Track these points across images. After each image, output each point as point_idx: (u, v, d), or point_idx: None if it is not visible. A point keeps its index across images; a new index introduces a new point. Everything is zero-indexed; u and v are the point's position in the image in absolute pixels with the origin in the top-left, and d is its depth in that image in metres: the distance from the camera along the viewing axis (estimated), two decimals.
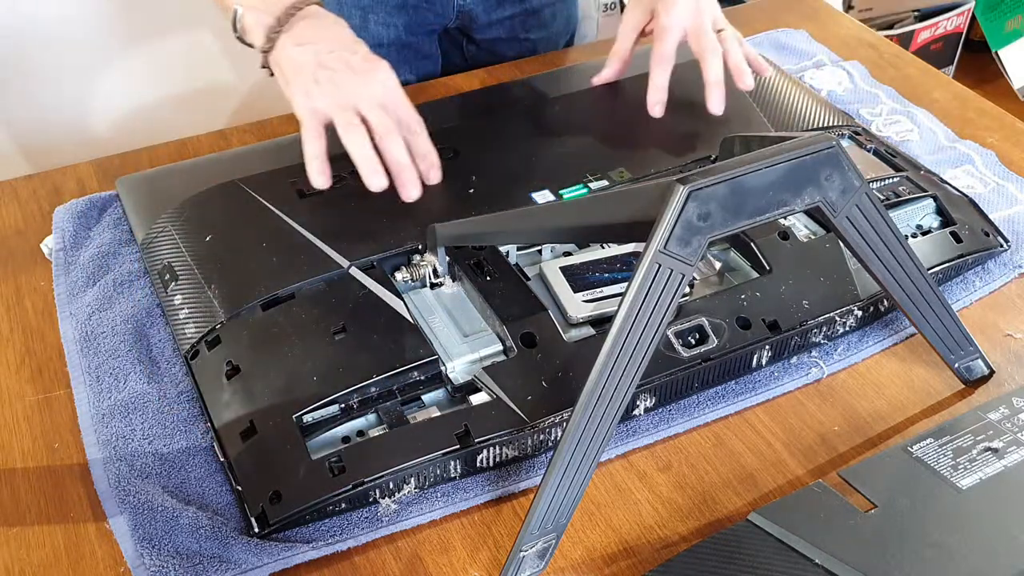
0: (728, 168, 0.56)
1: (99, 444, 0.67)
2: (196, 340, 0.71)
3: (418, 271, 0.75)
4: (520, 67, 1.08)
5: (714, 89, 0.87)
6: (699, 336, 0.70)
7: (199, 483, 0.64)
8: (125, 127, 1.66)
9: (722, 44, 0.88)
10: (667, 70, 0.88)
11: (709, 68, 0.87)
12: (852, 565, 0.55)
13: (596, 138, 0.90)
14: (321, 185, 0.78)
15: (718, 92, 0.87)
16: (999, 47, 2.22)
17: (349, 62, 0.77)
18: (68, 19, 1.52)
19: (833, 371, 0.73)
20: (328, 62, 0.77)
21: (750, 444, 0.68)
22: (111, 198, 0.88)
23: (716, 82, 0.87)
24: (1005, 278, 0.80)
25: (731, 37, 0.89)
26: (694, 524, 0.63)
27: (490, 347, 0.69)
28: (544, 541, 0.58)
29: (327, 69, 0.77)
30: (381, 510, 0.63)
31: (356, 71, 0.77)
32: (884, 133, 0.96)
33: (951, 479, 0.61)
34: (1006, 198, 0.87)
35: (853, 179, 0.60)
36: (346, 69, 0.77)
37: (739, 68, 0.89)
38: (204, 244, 0.78)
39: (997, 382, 0.71)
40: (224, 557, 0.59)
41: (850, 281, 0.74)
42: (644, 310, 0.56)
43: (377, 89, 0.77)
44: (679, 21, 0.87)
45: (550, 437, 0.66)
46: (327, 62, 0.77)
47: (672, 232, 0.55)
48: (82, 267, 0.81)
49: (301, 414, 0.65)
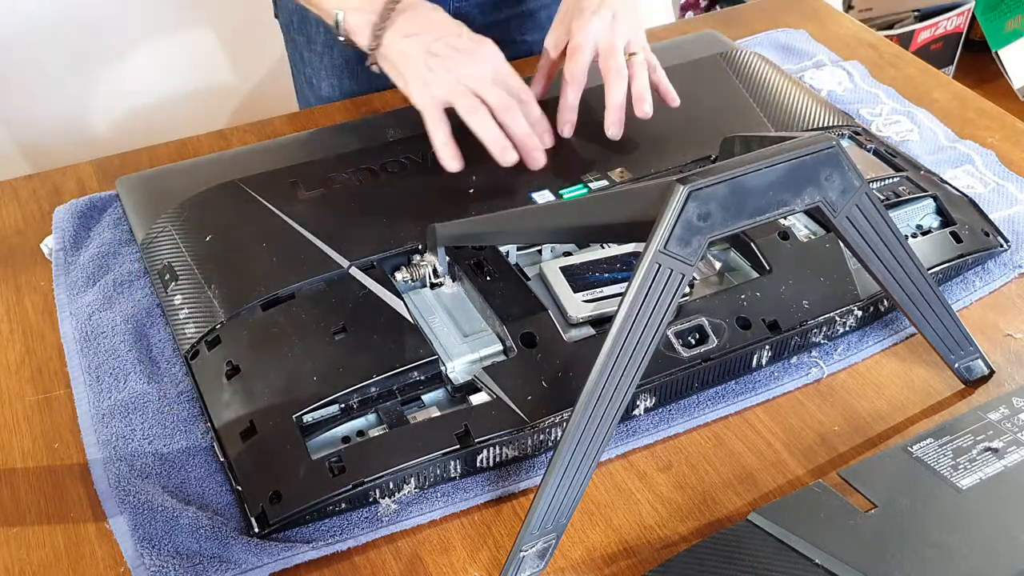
0: (728, 168, 0.56)
1: (99, 444, 0.67)
2: (196, 340, 0.71)
3: (418, 271, 0.75)
4: (520, 67, 1.08)
5: (611, 113, 0.85)
6: (699, 336, 0.70)
7: (199, 483, 0.64)
8: (125, 127, 1.66)
9: (630, 68, 0.86)
10: (577, 90, 0.87)
11: (610, 92, 0.85)
12: (852, 565, 0.55)
13: (596, 138, 0.89)
14: (455, 168, 0.81)
15: (614, 116, 0.85)
16: (999, 47, 2.22)
17: (456, 46, 0.81)
18: (68, 19, 1.52)
19: (833, 371, 0.73)
20: (437, 50, 0.81)
21: (750, 444, 0.68)
22: (111, 198, 0.88)
23: (613, 106, 0.85)
24: (1005, 278, 0.80)
25: (640, 62, 0.87)
26: (694, 524, 0.63)
27: (490, 347, 0.69)
28: (544, 541, 0.58)
29: (437, 57, 0.81)
30: (381, 510, 0.63)
31: (465, 53, 0.81)
32: (884, 133, 0.96)
33: (951, 479, 0.61)
34: (1006, 198, 0.87)
35: (853, 179, 0.60)
36: (455, 53, 0.81)
37: (640, 95, 0.86)
38: (204, 244, 0.78)
39: (997, 382, 0.71)
40: (224, 557, 0.59)
41: (850, 281, 0.74)
42: (644, 310, 0.56)
43: (487, 67, 0.81)
44: (590, 40, 0.86)
45: (550, 437, 0.66)
46: (436, 50, 0.81)
47: (672, 232, 0.55)
48: (82, 267, 0.81)
49: (301, 414, 0.65)
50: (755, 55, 1.01)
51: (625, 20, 0.87)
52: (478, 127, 0.80)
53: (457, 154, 0.81)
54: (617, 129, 0.86)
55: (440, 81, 0.80)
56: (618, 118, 0.85)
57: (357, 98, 1.03)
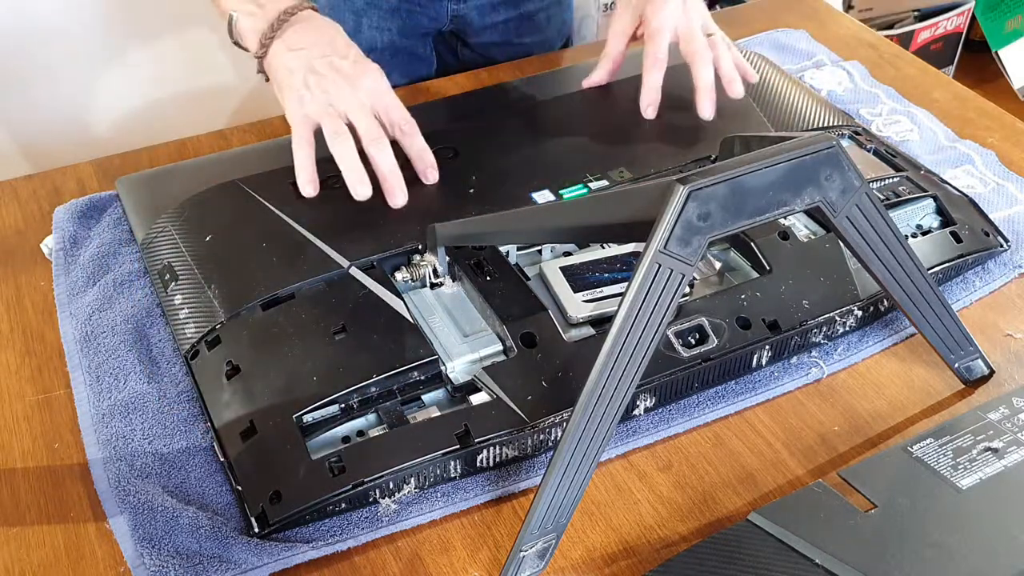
0: (728, 168, 0.56)
1: (99, 444, 0.67)
2: (196, 340, 0.71)
3: (418, 271, 0.75)
4: (520, 67, 1.08)
5: (705, 95, 0.87)
6: (699, 336, 0.70)
7: (199, 483, 0.64)
8: (125, 127, 1.66)
9: (712, 49, 0.88)
10: (661, 71, 0.88)
11: (700, 74, 0.87)
12: (852, 565, 0.55)
13: (596, 138, 0.89)
14: (309, 194, 0.79)
15: (709, 98, 0.87)
16: (999, 47, 2.22)
17: (339, 67, 0.79)
18: (68, 19, 1.52)
19: (833, 371, 0.73)
20: (319, 67, 0.78)
21: (750, 444, 0.68)
22: (111, 198, 0.88)
23: (707, 88, 0.87)
24: (1005, 278, 0.80)
25: (720, 42, 0.89)
26: (694, 524, 0.63)
27: (490, 347, 0.69)
28: (544, 541, 0.58)
29: (317, 75, 0.78)
30: (381, 510, 0.63)
31: (346, 76, 0.78)
32: (884, 133, 0.96)
33: (951, 479, 0.61)
34: (1006, 198, 0.87)
35: (853, 179, 0.60)
36: (335, 75, 0.78)
37: (730, 76, 0.89)
38: (204, 244, 0.78)
39: (997, 382, 0.71)
40: (224, 557, 0.59)
41: (850, 281, 0.74)
42: (644, 310, 0.56)
43: (364, 94, 0.78)
44: (668, 23, 0.88)
45: (550, 437, 0.66)
46: (318, 67, 0.78)
47: (672, 232, 0.55)
48: (82, 267, 0.81)
49: (301, 414, 0.65)
50: (755, 55, 1.01)
51: (695, 4, 0.90)
52: (337, 154, 0.78)
53: (314, 179, 0.79)
54: (712, 110, 0.87)
55: (314, 100, 0.78)
56: (711, 99, 0.87)
57: None
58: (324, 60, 0.79)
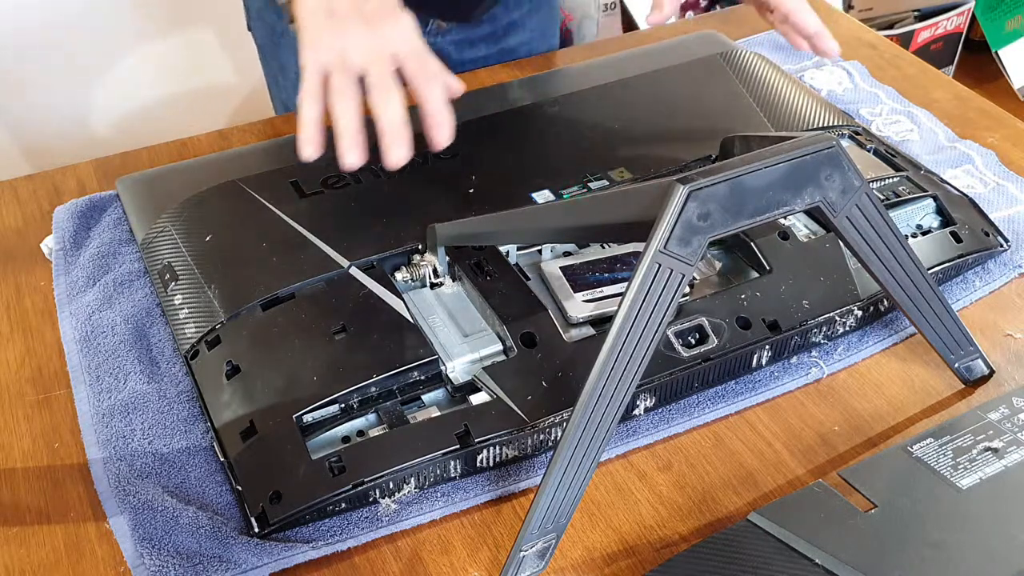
0: (728, 168, 0.56)
1: (99, 444, 0.67)
2: (196, 340, 0.71)
3: (418, 271, 0.75)
4: (520, 67, 1.08)
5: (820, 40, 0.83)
6: (699, 336, 0.70)
7: (199, 483, 0.64)
8: (125, 127, 1.66)
9: None
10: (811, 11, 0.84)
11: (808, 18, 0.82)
12: (852, 565, 0.55)
13: (596, 138, 0.89)
14: (307, 155, 0.69)
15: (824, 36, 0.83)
16: (999, 47, 2.22)
17: (361, 8, 0.70)
18: (68, 19, 1.53)
19: (833, 371, 0.73)
20: (338, 8, 0.70)
21: (750, 444, 0.68)
22: (111, 198, 0.88)
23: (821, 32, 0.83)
24: (1005, 278, 0.80)
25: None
26: (694, 524, 0.63)
27: (490, 347, 0.69)
28: (544, 541, 0.58)
29: (335, 17, 0.70)
30: (381, 510, 0.63)
31: (366, 19, 0.70)
32: (884, 133, 0.96)
33: (951, 479, 0.61)
34: (1006, 198, 0.87)
35: (853, 179, 0.60)
36: (356, 17, 0.70)
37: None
38: (204, 244, 0.78)
39: (997, 382, 0.71)
40: (224, 557, 0.59)
41: (850, 281, 0.74)
42: (644, 310, 0.56)
43: (384, 40, 0.70)
44: None
45: (550, 437, 0.66)
46: (337, 8, 0.70)
47: (672, 232, 0.55)
48: (82, 267, 0.81)
49: (301, 414, 0.65)
50: (755, 55, 1.01)
51: None
52: (338, 112, 0.68)
53: (315, 139, 0.69)
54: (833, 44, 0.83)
55: (327, 46, 0.69)
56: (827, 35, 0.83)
57: None
58: (345, 2, 0.70)
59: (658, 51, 1.03)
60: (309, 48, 0.70)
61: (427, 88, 0.71)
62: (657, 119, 0.90)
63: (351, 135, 0.69)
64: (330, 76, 0.69)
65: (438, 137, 0.71)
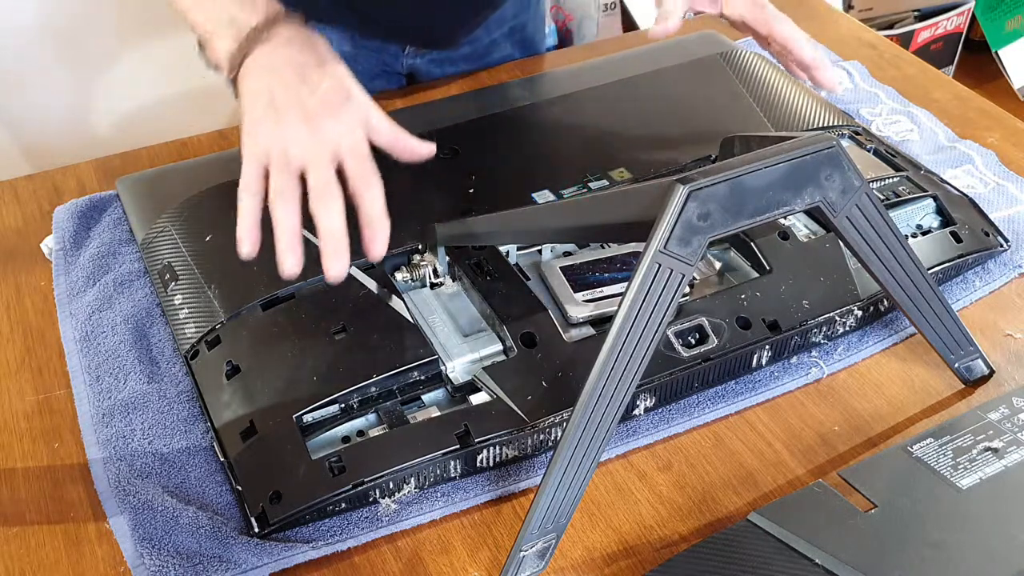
0: (728, 168, 0.56)
1: (99, 444, 0.67)
2: (196, 340, 0.71)
3: (418, 271, 0.75)
4: (520, 67, 1.08)
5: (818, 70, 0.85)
6: (699, 336, 0.70)
7: (199, 483, 0.64)
8: (125, 127, 1.66)
9: None
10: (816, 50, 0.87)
11: (805, 49, 0.85)
12: (852, 565, 0.55)
13: (596, 138, 0.89)
14: (245, 253, 0.65)
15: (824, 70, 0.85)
16: (999, 47, 2.22)
17: (303, 103, 0.65)
18: (68, 19, 1.52)
19: (833, 371, 0.73)
20: (280, 101, 0.66)
21: (750, 444, 0.68)
22: (111, 198, 0.88)
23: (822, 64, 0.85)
24: (1005, 278, 0.80)
25: None
26: (694, 524, 0.63)
27: (490, 347, 0.69)
28: (544, 541, 0.58)
29: (276, 110, 0.66)
30: (381, 510, 0.63)
31: (307, 116, 0.65)
32: (884, 133, 0.96)
33: (951, 479, 0.61)
34: (1006, 198, 0.87)
35: (853, 179, 0.60)
36: (297, 112, 0.65)
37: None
38: (204, 244, 0.78)
39: (997, 382, 0.71)
40: (224, 557, 0.59)
41: (850, 281, 0.74)
42: (644, 310, 0.56)
43: (325, 139, 0.65)
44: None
45: (550, 437, 0.66)
46: (279, 101, 0.66)
47: (672, 232, 0.55)
48: (82, 267, 0.81)
49: (301, 414, 0.65)
50: (755, 55, 1.01)
51: None
52: (277, 215, 0.64)
53: (252, 234, 0.65)
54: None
55: (267, 140, 0.65)
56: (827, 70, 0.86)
57: None
58: (288, 93, 0.65)
59: (658, 51, 1.03)
60: (249, 137, 0.66)
61: (366, 193, 0.65)
62: (657, 119, 0.90)
63: (288, 240, 0.64)
64: (270, 169, 0.65)
65: (374, 249, 0.65)
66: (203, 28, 0.70)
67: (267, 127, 0.66)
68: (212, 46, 0.70)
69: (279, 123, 0.65)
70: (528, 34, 1.13)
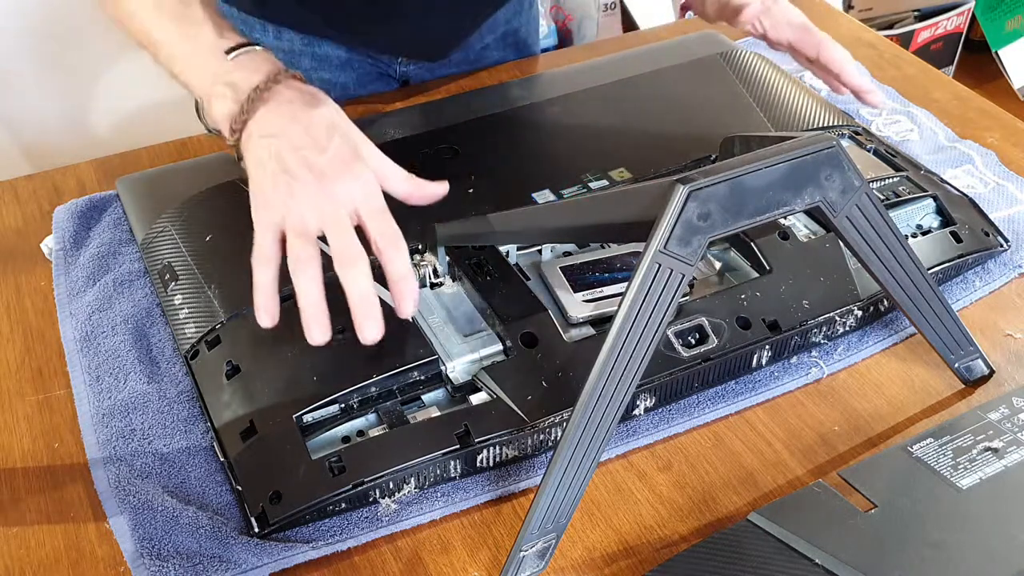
0: (728, 168, 0.56)
1: (99, 444, 0.67)
2: (196, 340, 0.71)
3: (418, 271, 0.75)
4: (519, 67, 1.08)
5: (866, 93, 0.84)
6: (699, 336, 0.70)
7: (199, 483, 0.64)
8: (125, 127, 1.66)
9: None
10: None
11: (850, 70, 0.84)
12: (852, 565, 0.55)
13: (596, 138, 0.89)
14: (265, 324, 0.63)
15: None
16: (999, 47, 2.22)
17: (313, 165, 0.62)
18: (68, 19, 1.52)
19: (833, 371, 0.73)
20: (290, 165, 0.63)
21: (750, 444, 0.68)
22: (111, 198, 0.88)
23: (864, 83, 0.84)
24: (1005, 278, 0.80)
25: None
26: (694, 524, 0.63)
27: (490, 347, 0.69)
28: (544, 541, 0.58)
29: (287, 174, 0.63)
30: (381, 510, 0.63)
31: (319, 177, 0.62)
32: (884, 133, 0.96)
33: (951, 479, 0.61)
34: (1006, 198, 0.87)
35: (853, 179, 0.60)
36: (308, 175, 0.62)
37: None
38: (204, 244, 0.78)
39: (997, 382, 0.71)
40: (224, 557, 0.59)
41: (850, 281, 0.74)
42: (644, 310, 0.56)
43: (341, 201, 0.62)
44: None
45: (550, 437, 0.66)
46: (289, 165, 0.63)
47: (672, 232, 0.55)
48: (82, 267, 0.81)
49: (301, 414, 0.65)
50: (755, 55, 1.01)
51: None
52: (300, 284, 0.61)
53: (270, 307, 0.63)
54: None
55: (281, 207, 0.62)
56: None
57: (354, 99, 1.03)
58: (297, 156, 0.62)
59: (658, 51, 1.03)
60: (261, 206, 0.63)
61: (392, 253, 0.63)
62: (657, 119, 0.90)
63: (314, 310, 0.62)
64: (288, 238, 0.63)
65: (405, 308, 0.63)
66: (200, 90, 0.67)
67: (280, 195, 0.63)
68: (211, 108, 0.67)
69: (291, 190, 0.62)
70: (521, 37, 1.13)
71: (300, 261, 0.62)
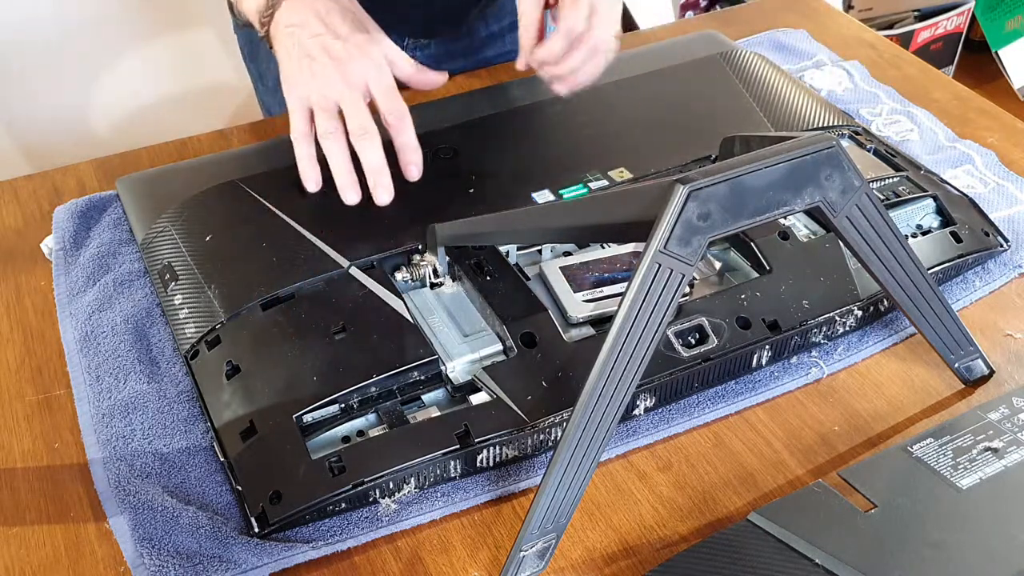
0: (728, 168, 0.56)
1: (99, 444, 0.67)
2: (196, 340, 0.71)
3: (418, 271, 0.75)
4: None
5: None
6: (699, 336, 0.70)
7: (199, 483, 0.64)
8: (125, 127, 1.67)
9: None
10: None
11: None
12: (852, 565, 0.55)
13: (596, 138, 0.89)
14: (312, 189, 0.77)
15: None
16: (999, 47, 2.22)
17: (330, 48, 0.73)
18: (68, 19, 1.53)
19: (833, 371, 0.73)
20: (311, 50, 0.74)
21: (750, 444, 0.68)
22: (111, 198, 0.88)
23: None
24: (1005, 278, 0.80)
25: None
26: (694, 524, 0.63)
27: (490, 347, 0.69)
28: (544, 541, 0.58)
29: (309, 58, 0.74)
30: (381, 510, 0.63)
31: (336, 59, 0.73)
32: (884, 133, 0.96)
33: (951, 479, 0.61)
34: (1006, 198, 0.87)
35: (853, 179, 0.60)
36: (326, 58, 0.73)
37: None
38: (204, 244, 0.78)
39: (997, 382, 0.71)
40: (224, 557, 0.59)
41: (850, 281, 0.74)
42: (644, 310, 0.56)
43: (354, 80, 0.73)
44: None
45: (550, 437, 0.66)
46: (310, 50, 0.74)
47: (672, 232, 0.55)
48: (82, 267, 0.81)
49: (301, 414, 0.65)
50: (755, 55, 1.01)
51: None
52: (329, 154, 0.75)
53: (314, 174, 0.77)
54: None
55: (306, 87, 0.74)
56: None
57: None
58: (316, 41, 0.74)
59: (658, 51, 1.03)
60: (290, 88, 0.75)
61: (399, 125, 0.76)
62: (657, 119, 0.90)
63: (345, 175, 0.75)
64: (315, 113, 0.75)
65: (414, 174, 0.78)
66: None
67: (304, 77, 0.74)
68: (241, 3, 0.77)
69: (313, 71, 0.73)
70: None
71: (328, 133, 0.74)
